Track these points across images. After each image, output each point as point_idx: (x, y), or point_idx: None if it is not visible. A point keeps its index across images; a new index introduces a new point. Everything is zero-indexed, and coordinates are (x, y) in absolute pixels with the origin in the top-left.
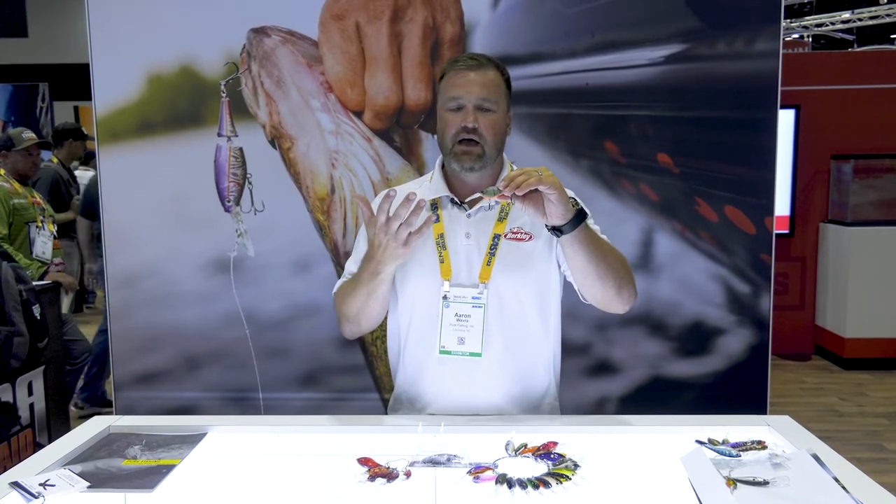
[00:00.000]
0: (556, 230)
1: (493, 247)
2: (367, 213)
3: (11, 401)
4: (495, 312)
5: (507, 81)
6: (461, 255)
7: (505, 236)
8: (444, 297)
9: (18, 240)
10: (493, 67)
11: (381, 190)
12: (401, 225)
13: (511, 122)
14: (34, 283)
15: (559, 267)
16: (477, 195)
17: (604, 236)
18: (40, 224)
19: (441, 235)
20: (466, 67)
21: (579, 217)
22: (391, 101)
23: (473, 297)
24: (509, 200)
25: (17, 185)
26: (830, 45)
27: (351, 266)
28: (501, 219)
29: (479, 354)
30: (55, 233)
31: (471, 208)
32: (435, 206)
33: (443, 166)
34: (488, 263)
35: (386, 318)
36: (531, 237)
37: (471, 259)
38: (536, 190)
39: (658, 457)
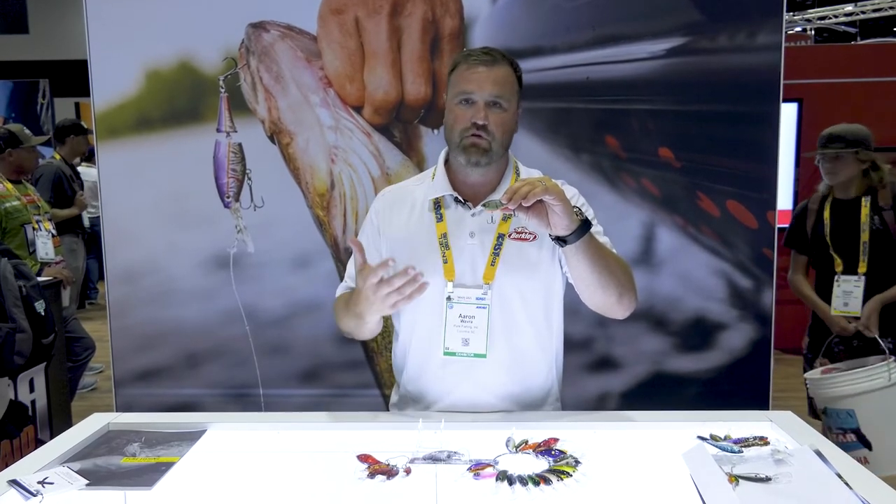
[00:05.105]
0: (560, 240)
1: (498, 247)
2: (360, 260)
3: (14, 397)
4: (499, 313)
5: (520, 78)
6: (465, 254)
7: (509, 236)
8: (448, 298)
9: (14, 243)
10: (506, 63)
11: (382, 186)
12: (391, 292)
13: (519, 117)
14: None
15: (562, 268)
16: (479, 208)
17: (606, 238)
18: (36, 225)
19: (444, 235)
20: (480, 62)
21: (583, 227)
22: (391, 95)
23: (477, 298)
24: (513, 213)
25: (9, 186)
26: (833, 38)
27: (351, 270)
28: (506, 218)
29: (483, 356)
30: (52, 230)
31: (475, 207)
32: (438, 204)
33: (446, 163)
34: (492, 264)
35: (389, 317)
36: (535, 237)
37: (475, 259)
38: (540, 200)
39: (660, 453)
